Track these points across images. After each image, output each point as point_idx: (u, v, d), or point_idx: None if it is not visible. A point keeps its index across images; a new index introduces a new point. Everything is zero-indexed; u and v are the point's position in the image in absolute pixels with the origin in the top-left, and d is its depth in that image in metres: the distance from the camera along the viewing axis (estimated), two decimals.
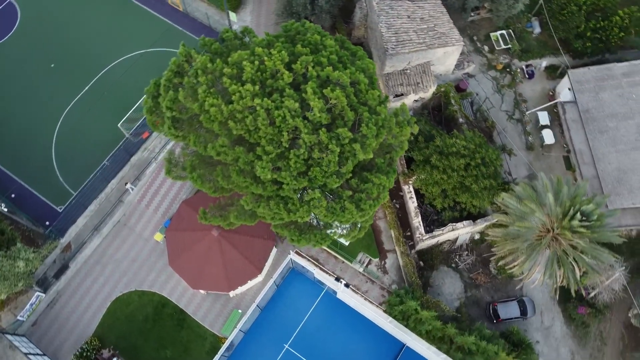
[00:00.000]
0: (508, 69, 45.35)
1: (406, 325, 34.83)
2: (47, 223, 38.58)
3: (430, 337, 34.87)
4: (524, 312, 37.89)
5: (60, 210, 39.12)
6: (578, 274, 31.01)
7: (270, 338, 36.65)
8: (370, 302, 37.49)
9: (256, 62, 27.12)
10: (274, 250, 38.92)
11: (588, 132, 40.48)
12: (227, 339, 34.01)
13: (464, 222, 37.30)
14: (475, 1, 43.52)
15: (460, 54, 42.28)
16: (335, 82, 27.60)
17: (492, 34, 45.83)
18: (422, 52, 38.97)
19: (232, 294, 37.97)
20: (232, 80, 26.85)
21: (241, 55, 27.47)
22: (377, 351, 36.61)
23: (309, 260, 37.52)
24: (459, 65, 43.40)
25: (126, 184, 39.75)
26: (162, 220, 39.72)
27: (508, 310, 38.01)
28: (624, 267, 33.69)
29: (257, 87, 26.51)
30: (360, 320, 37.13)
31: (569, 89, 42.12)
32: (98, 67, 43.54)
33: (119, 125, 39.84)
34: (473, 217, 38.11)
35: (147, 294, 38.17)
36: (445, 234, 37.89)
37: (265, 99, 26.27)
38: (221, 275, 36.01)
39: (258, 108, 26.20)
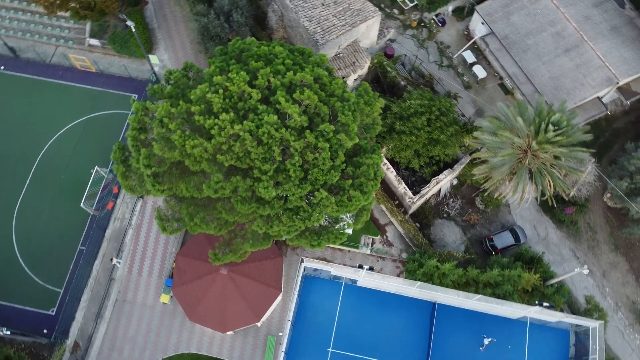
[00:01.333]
0: (422, 24, 47.74)
1: (432, 284, 36.21)
2: (45, 331, 36.03)
3: (456, 285, 36.51)
4: (517, 239, 40.47)
5: (54, 313, 36.63)
6: (560, 181, 33.77)
7: (312, 349, 36.88)
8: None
9: (220, 91, 26.91)
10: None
11: (513, 55, 43.62)
12: None
13: (444, 172, 39.18)
14: None
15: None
16: (300, 84, 28.04)
17: None
18: (348, 32, 40.10)
19: (259, 323, 37.51)
20: (204, 116, 26.48)
21: (203, 89, 27.11)
22: (413, 319, 37.97)
23: (319, 261, 37.78)
24: (380, 35, 45.09)
25: (111, 260, 37.85)
26: (161, 281, 38.32)
27: (503, 241, 40.33)
28: (593, 159, 36.99)
29: (232, 114, 26.36)
30: (387, 298, 38.26)
31: (483, 23, 45.08)
32: (32, 155, 40.89)
33: (81, 205, 37.77)
34: (448, 165, 40.14)
35: (176, 357, 36.83)
36: (432, 189, 39.59)
37: (245, 122, 26.20)
38: (244, 308, 35.46)
39: (241, 133, 26.07)
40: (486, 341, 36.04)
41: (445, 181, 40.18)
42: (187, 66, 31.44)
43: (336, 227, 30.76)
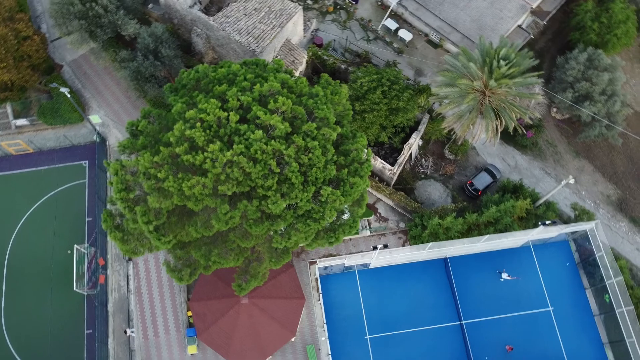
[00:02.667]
0: (338, 6, 48.71)
1: (433, 240, 37.60)
2: None
3: (460, 235, 38.06)
4: (494, 176, 42.66)
5: None
6: (521, 109, 35.99)
7: (351, 342, 37.16)
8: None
9: (198, 125, 26.32)
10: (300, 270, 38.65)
11: (432, 10, 45.71)
12: None
13: (413, 135, 40.53)
14: None
15: None
16: (270, 94, 27.99)
17: None
18: (279, 34, 40.24)
19: (293, 337, 37.22)
20: (191, 154, 25.83)
21: (179, 129, 26.38)
22: (431, 280, 39.19)
23: (329, 258, 38.02)
24: (305, 28, 45.54)
25: (125, 332, 36.05)
26: (181, 335, 36.99)
27: (482, 181, 42.34)
28: (542, 80, 39.60)
29: (219, 143, 25.90)
30: (401, 270, 39.22)
31: None
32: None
33: (74, 289, 35.57)
34: (413, 128, 41.57)
35: None
36: (406, 155, 40.81)
37: (235, 145, 25.83)
38: (277, 328, 35.06)
39: (234, 158, 25.71)
40: (505, 275, 37.99)
41: (415, 143, 41.55)
42: (146, 113, 30.39)
43: (344, 218, 31.07)
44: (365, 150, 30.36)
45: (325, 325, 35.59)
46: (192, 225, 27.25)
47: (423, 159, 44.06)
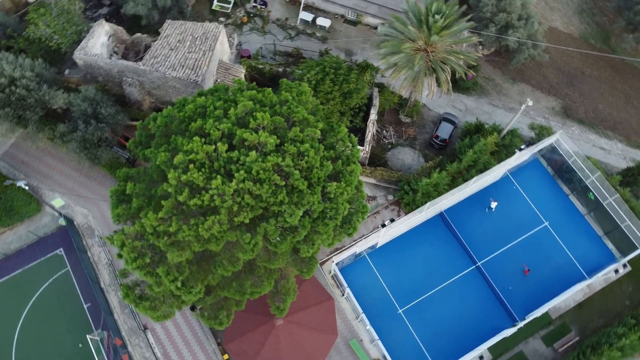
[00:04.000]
0: (251, 15, 48.51)
1: (428, 200, 38.94)
2: None
3: (448, 187, 39.61)
4: (453, 123, 44.66)
5: None
6: (463, 53, 37.92)
7: (388, 321, 37.76)
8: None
9: (191, 166, 25.58)
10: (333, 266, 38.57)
11: None
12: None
13: (371, 111, 41.49)
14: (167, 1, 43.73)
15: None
16: (246, 113, 27.69)
17: (214, 5, 47.86)
18: (212, 57, 39.55)
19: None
20: (196, 197, 25.10)
21: (174, 177, 25.50)
22: (435, 238, 40.56)
23: (341, 252, 38.31)
24: (230, 45, 45.05)
25: None
26: None
27: (445, 131, 44.11)
28: (473, 24, 41.64)
29: (219, 177, 25.32)
30: (405, 238, 40.28)
31: None
32: None
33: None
34: (367, 105, 42.56)
35: None
36: (371, 131, 41.73)
37: (236, 173, 25.35)
38: (319, 334, 34.70)
39: (240, 186, 25.28)
40: (493, 204, 40.14)
41: (374, 118, 42.55)
42: (124, 176, 29.07)
43: (353, 206, 31.38)
44: (350, 137, 30.81)
45: (362, 313, 35.87)
46: (219, 265, 26.52)
47: (384, 131, 45.21)
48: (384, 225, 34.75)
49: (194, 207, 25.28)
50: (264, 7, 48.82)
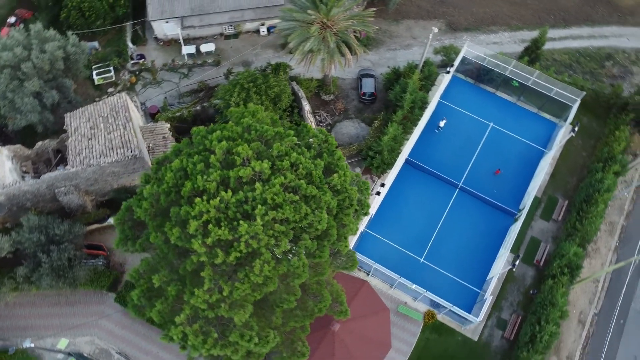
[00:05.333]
0: (137, 72, 46.46)
1: (396, 155, 40.87)
2: None
3: (403, 135, 41.71)
4: (373, 76, 46.57)
5: None
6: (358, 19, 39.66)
7: (417, 274, 39.19)
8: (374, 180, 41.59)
9: (209, 227, 24.62)
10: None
11: (212, 10, 46.01)
12: (435, 312, 36.71)
13: (303, 104, 42.10)
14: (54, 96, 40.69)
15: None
16: (225, 154, 27.13)
17: (96, 81, 45.19)
18: (131, 125, 37.61)
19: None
20: (231, 252, 24.34)
21: (199, 245, 24.42)
22: (415, 185, 42.59)
23: None
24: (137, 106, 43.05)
25: None
26: None
27: (369, 85, 45.92)
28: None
29: (243, 220, 24.68)
30: (391, 198, 41.74)
31: (167, 22, 46.06)
32: None
33: None
34: (295, 100, 43.11)
35: None
36: (312, 121, 42.46)
37: (257, 209, 24.83)
38: (372, 344, 34.77)
39: (266, 218, 24.82)
40: (441, 123, 43.06)
41: (309, 108, 43.20)
42: (137, 274, 27.30)
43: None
44: (319, 130, 31.24)
45: (399, 277, 36.76)
46: (281, 301, 26.06)
47: (317, 116, 46.06)
48: (378, 193, 35.89)
49: (234, 262, 24.55)
50: (143, 59, 46.96)
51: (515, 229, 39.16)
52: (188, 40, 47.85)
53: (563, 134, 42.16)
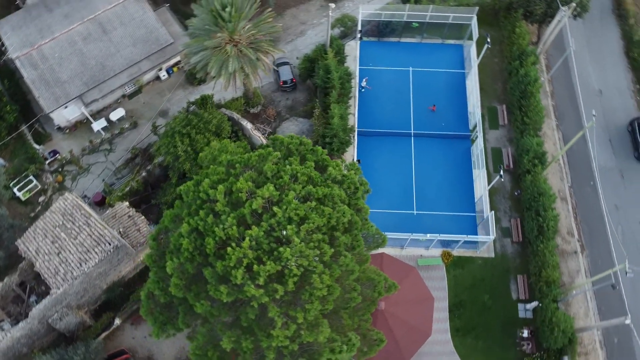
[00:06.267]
0: (59, 170, 43.13)
1: (350, 131, 41.97)
2: None
3: (347, 111, 42.92)
4: (287, 63, 47.18)
5: None
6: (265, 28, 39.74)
7: (415, 224, 40.75)
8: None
9: (255, 267, 24.07)
10: None
11: (109, 75, 43.63)
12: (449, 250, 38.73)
13: (243, 124, 41.70)
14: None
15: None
16: (233, 192, 26.50)
17: (23, 197, 41.37)
18: (96, 220, 35.20)
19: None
20: (267, 291, 23.92)
21: (258, 292, 23.75)
22: (373, 151, 43.97)
23: None
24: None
25: None
26: None
27: (286, 72, 46.46)
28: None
29: (284, 247, 24.37)
30: (362, 164, 42.21)
31: (64, 108, 43.21)
32: None
33: None
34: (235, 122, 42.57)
35: None
36: (262, 137, 42.21)
37: (288, 231, 24.61)
38: (412, 330, 35.22)
39: (295, 239, 24.55)
40: (364, 83, 45.07)
41: (251, 126, 42.68)
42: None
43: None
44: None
45: (410, 234, 38.15)
46: (351, 302, 26.26)
47: (251, 125, 45.50)
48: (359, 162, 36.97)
49: (294, 288, 24.28)
50: (58, 154, 43.62)
51: (478, 146, 41.98)
52: (94, 116, 45.11)
53: (474, 55, 45.60)
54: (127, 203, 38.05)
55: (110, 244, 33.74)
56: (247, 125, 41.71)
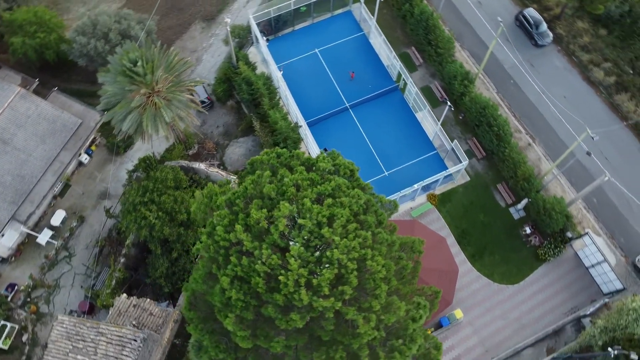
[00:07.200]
0: (28, 301, 39.11)
1: (297, 127, 42.16)
2: None
3: (286, 114, 43.02)
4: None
5: None
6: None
7: (388, 183, 42.40)
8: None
9: (300, 290, 23.88)
10: None
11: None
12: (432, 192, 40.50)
13: (197, 167, 40.43)
14: None
15: None
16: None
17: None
18: (112, 330, 32.69)
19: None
20: (336, 296, 24.11)
21: (296, 321, 23.60)
22: (321, 135, 44.61)
23: None
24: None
25: None
26: None
27: (200, 92, 45.26)
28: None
29: (310, 264, 24.25)
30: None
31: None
32: None
33: None
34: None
35: None
36: (217, 171, 41.20)
37: (325, 231, 24.70)
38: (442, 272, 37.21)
39: (335, 239, 24.65)
40: (279, 74, 45.01)
41: (204, 165, 41.43)
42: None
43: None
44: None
45: (399, 194, 39.58)
46: (406, 270, 26.97)
47: (199, 164, 44.14)
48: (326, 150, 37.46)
49: (356, 283, 24.48)
50: (16, 286, 39.52)
51: (412, 91, 44.06)
52: (34, 230, 41.28)
53: (365, 10, 47.58)
54: (124, 295, 35.57)
55: (136, 340, 31.59)
56: (201, 166, 40.51)
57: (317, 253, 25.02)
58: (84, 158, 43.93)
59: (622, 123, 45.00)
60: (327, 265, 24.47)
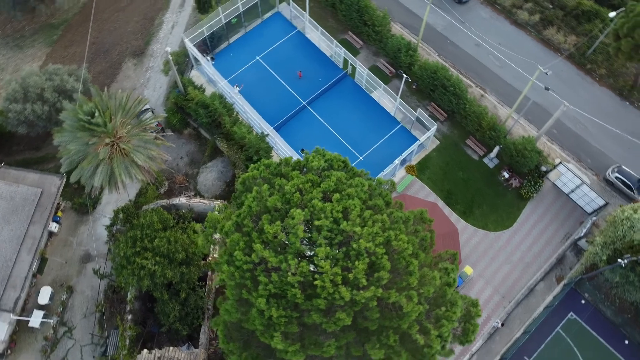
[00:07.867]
0: None
1: (265, 137, 41.80)
2: None
3: (248, 127, 42.47)
4: (149, 109, 45.44)
5: None
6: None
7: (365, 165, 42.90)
8: None
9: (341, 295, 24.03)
10: None
11: None
12: (409, 163, 41.12)
13: (180, 199, 39.28)
14: None
15: None
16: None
17: None
18: None
19: None
20: (374, 284, 24.37)
21: (343, 320, 23.73)
22: (288, 137, 44.55)
23: None
24: None
25: None
26: None
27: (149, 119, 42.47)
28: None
29: (339, 262, 24.44)
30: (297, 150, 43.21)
31: None
32: None
33: None
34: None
35: None
36: (195, 199, 40.20)
37: (344, 225, 24.83)
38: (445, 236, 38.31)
39: (357, 230, 24.87)
40: (237, 88, 44.93)
41: (184, 199, 40.31)
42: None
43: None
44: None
45: (383, 172, 40.21)
46: (427, 246, 27.51)
47: (195, 197, 43.05)
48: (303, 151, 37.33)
49: (389, 267, 24.79)
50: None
51: (364, 73, 44.66)
52: (24, 314, 38.65)
53: (294, 7, 47.67)
54: (145, 350, 34.11)
55: None
56: (182, 200, 39.38)
57: (343, 248, 25.11)
58: (54, 227, 41.50)
59: (558, 56, 47.74)
60: (357, 258, 24.64)
